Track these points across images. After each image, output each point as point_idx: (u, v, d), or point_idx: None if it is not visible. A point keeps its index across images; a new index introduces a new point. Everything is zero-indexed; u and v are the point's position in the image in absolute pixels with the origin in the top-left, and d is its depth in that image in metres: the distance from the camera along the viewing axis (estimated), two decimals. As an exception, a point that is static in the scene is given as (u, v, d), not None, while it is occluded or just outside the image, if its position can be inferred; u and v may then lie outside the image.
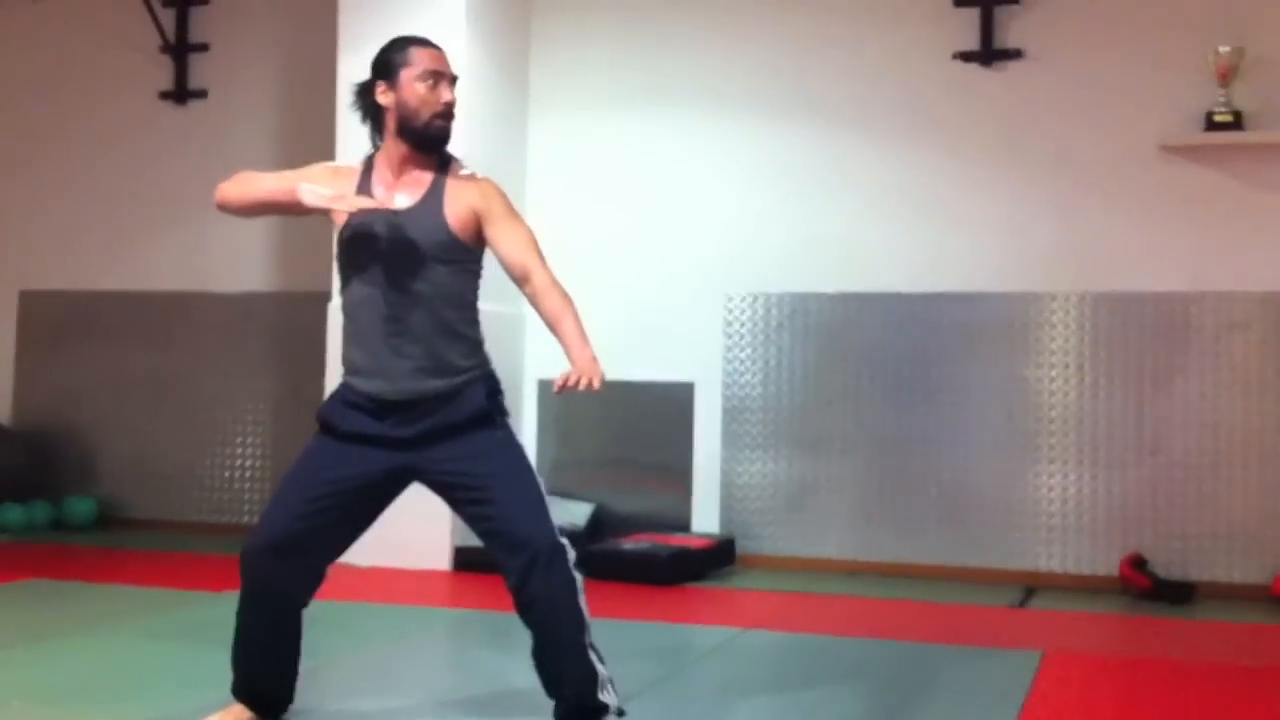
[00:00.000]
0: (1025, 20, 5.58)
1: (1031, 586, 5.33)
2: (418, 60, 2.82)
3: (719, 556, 5.57)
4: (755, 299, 5.85)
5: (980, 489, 5.52)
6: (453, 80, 2.86)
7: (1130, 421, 5.37)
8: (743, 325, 5.87)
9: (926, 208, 5.69)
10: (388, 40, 2.92)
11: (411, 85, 2.80)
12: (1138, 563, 5.20)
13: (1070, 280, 5.48)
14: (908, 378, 5.64)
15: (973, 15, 5.61)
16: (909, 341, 5.66)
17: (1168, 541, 5.27)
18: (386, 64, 2.85)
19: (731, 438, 5.85)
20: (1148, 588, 5.11)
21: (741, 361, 5.86)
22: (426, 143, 2.84)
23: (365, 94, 2.88)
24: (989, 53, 5.60)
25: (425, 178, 2.85)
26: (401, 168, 2.86)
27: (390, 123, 2.84)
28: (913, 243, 5.69)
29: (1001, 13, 5.58)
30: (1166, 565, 5.23)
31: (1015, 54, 5.59)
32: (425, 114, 2.80)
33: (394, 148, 2.86)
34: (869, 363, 5.69)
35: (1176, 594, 5.06)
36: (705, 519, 5.83)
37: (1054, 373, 5.49)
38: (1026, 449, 5.49)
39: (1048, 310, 5.51)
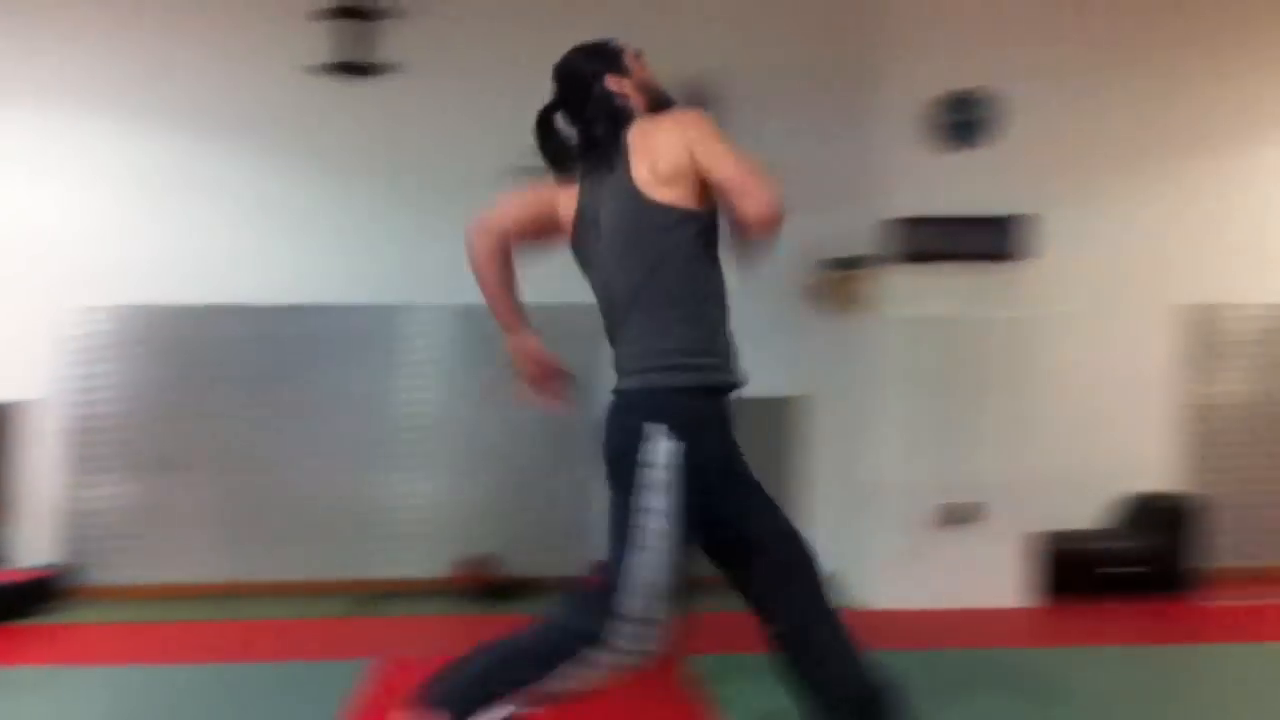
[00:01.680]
0: (398, 36, 5.67)
1: (380, 594, 5.48)
2: None
3: (44, 591, 5.25)
4: (105, 313, 5.55)
5: (333, 502, 5.60)
6: None
7: (473, 430, 5.68)
8: (89, 340, 5.55)
9: (287, 220, 5.68)
10: None
11: None
12: (470, 563, 5.52)
13: (428, 293, 5.67)
14: (264, 392, 5.60)
15: (335, 28, 5.64)
16: (266, 355, 5.62)
17: (499, 542, 5.61)
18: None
19: (76, 461, 5.51)
20: (480, 587, 5.44)
21: (88, 379, 5.54)
22: None
23: None
24: (352, 66, 5.66)
25: None
26: None
27: None
28: (271, 254, 5.66)
29: (367, 28, 5.65)
30: (503, 565, 5.55)
31: (381, 69, 5.68)
32: None
33: None
34: (225, 378, 5.59)
35: (505, 592, 5.42)
36: (40, 550, 5.46)
37: (406, 384, 5.69)
38: (378, 459, 5.65)
39: (403, 323, 5.70)
